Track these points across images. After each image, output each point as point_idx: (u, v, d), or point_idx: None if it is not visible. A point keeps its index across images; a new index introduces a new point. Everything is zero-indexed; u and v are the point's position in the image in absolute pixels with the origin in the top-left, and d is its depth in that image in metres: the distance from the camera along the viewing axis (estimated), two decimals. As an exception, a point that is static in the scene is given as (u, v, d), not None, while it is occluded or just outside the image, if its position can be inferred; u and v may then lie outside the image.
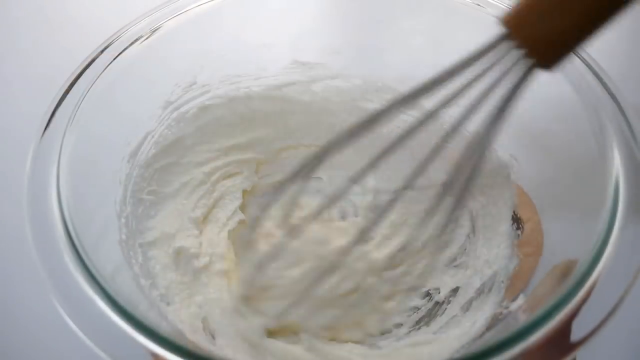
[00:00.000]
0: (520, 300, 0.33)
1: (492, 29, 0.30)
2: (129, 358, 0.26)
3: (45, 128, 0.34)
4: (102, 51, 0.37)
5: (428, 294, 0.40)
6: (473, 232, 0.42)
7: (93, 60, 0.37)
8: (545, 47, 0.25)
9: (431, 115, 0.29)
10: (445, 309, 0.39)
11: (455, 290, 0.39)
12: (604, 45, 0.30)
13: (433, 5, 0.43)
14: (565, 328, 0.26)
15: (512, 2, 0.39)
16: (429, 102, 0.29)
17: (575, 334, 0.26)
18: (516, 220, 0.39)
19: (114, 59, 0.37)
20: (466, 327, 0.35)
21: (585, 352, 0.26)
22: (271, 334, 0.37)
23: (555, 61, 0.26)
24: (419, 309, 0.39)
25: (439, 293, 0.40)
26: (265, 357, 0.35)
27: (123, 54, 0.38)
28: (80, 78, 0.36)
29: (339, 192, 0.32)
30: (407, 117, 0.41)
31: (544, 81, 0.38)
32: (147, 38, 0.39)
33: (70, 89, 0.35)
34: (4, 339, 0.42)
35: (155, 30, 0.40)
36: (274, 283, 0.37)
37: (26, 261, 0.29)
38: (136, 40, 0.39)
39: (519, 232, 0.39)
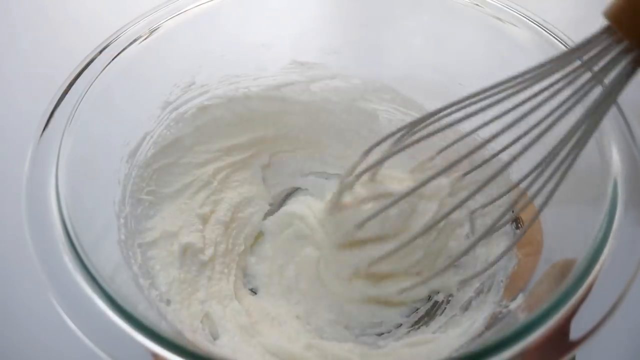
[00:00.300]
0: (519, 300, 0.33)
1: (491, 28, 0.30)
2: (129, 358, 0.26)
3: (44, 128, 0.33)
4: (100, 51, 0.37)
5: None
6: (472, 232, 0.42)
7: (92, 61, 0.37)
8: None
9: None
10: (445, 308, 0.39)
11: (454, 290, 0.39)
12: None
13: (432, 5, 0.43)
14: (564, 327, 0.26)
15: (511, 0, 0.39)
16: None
17: (574, 333, 0.26)
18: (516, 220, 0.39)
19: (113, 59, 0.37)
20: (465, 326, 0.35)
21: (584, 351, 0.26)
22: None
23: None
24: (418, 309, 0.39)
25: (438, 293, 0.40)
26: (264, 356, 0.35)
27: (122, 54, 0.38)
28: (79, 78, 0.36)
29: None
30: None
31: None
32: (145, 38, 0.39)
33: (69, 89, 0.35)
34: (4, 339, 0.42)
35: (154, 30, 0.40)
36: (367, 237, 0.38)
37: (25, 261, 0.29)
38: (135, 40, 0.39)
39: (518, 232, 0.39)
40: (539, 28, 0.39)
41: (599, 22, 0.26)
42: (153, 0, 0.41)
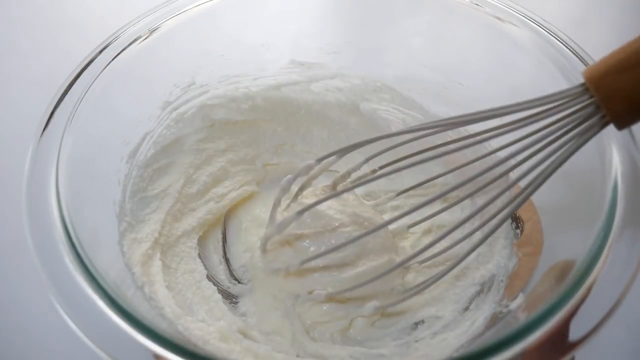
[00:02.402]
0: (519, 300, 0.33)
1: (491, 28, 0.30)
2: (129, 358, 0.26)
3: (44, 129, 0.34)
4: (100, 51, 0.37)
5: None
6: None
7: (92, 61, 0.37)
8: (623, 106, 0.26)
9: (477, 141, 0.31)
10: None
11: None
12: (604, 46, 0.30)
13: (432, 5, 0.43)
14: (563, 328, 0.26)
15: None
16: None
17: (574, 334, 0.26)
18: (515, 220, 0.39)
19: (113, 60, 0.37)
20: (466, 326, 0.35)
21: (584, 352, 0.26)
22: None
23: (631, 121, 0.26)
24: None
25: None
26: None
27: (121, 54, 0.38)
28: (79, 78, 0.36)
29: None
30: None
31: (543, 82, 0.38)
32: (145, 38, 0.39)
33: (69, 90, 0.35)
34: (4, 339, 0.42)
35: (154, 30, 0.40)
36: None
37: (26, 262, 0.29)
38: (135, 40, 0.39)
39: (518, 231, 0.39)
40: (539, 28, 0.39)
41: (598, 22, 0.26)
42: (153, 0, 0.41)
